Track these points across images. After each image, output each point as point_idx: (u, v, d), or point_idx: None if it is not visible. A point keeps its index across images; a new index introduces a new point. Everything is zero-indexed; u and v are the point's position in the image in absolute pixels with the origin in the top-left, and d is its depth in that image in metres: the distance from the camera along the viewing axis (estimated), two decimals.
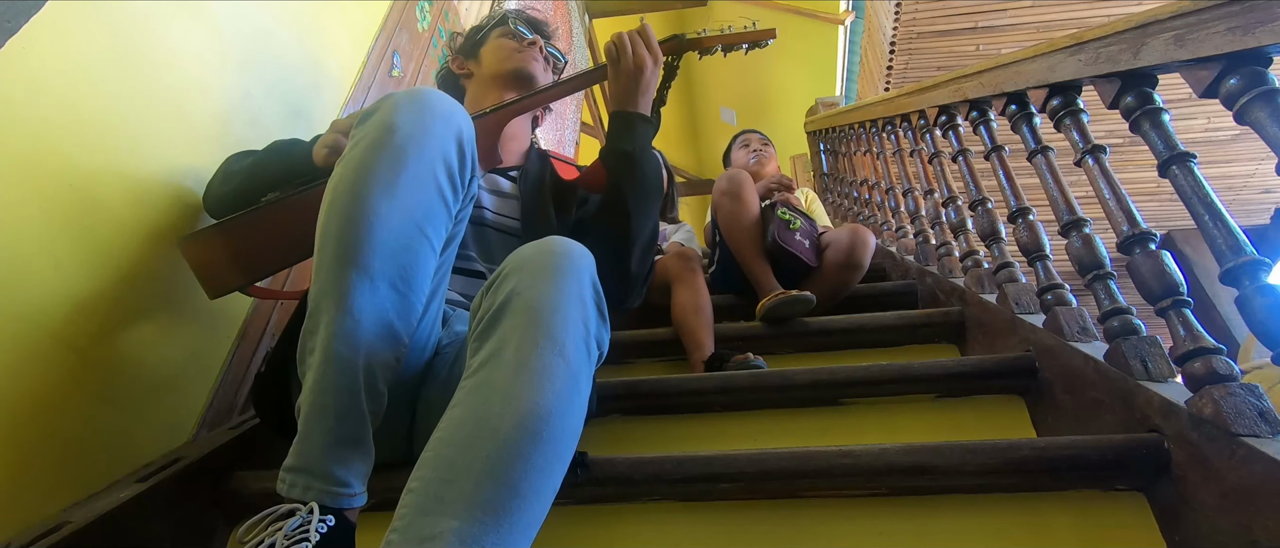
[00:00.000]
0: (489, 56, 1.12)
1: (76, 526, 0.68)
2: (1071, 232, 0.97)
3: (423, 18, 1.86)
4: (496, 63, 1.10)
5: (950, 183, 1.49)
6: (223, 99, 1.05)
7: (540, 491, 0.51)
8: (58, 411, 0.74)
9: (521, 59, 1.09)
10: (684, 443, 1.05)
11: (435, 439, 0.53)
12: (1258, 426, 0.63)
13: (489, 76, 1.10)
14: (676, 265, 1.56)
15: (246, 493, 0.86)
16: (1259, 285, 0.68)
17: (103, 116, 0.83)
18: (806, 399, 1.05)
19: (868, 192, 2.45)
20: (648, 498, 0.81)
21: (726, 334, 1.44)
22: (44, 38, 0.75)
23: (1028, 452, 0.75)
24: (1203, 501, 0.65)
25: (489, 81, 1.10)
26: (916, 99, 1.59)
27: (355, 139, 0.65)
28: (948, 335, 1.34)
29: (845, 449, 0.77)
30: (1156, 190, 3.89)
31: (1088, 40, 0.89)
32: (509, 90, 1.08)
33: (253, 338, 1.08)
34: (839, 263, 1.56)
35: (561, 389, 0.54)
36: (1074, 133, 0.96)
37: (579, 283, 0.60)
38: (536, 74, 1.09)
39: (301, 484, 0.58)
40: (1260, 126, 0.67)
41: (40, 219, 0.74)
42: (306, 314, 0.63)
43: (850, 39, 4.58)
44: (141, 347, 0.86)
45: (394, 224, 0.61)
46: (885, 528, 0.76)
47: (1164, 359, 0.80)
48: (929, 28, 3.25)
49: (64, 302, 0.76)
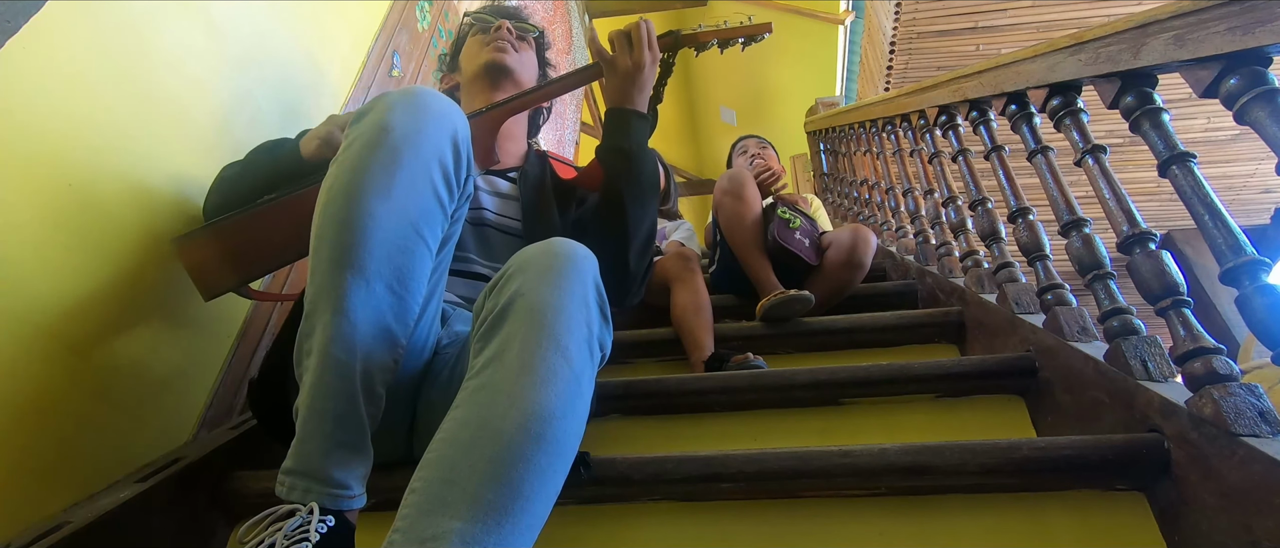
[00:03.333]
0: (465, 61, 1.13)
1: (76, 526, 0.68)
2: (1071, 232, 0.97)
3: (423, 18, 1.86)
4: (472, 62, 1.10)
5: (950, 183, 1.49)
6: (222, 99, 1.05)
7: (543, 492, 0.51)
8: (58, 411, 0.74)
9: (490, 51, 1.09)
10: (684, 443, 1.05)
11: (438, 440, 0.53)
12: (1258, 425, 0.63)
13: (469, 80, 1.11)
14: (676, 266, 1.56)
15: (246, 493, 0.85)
16: (1259, 285, 0.68)
17: (102, 116, 0.83)
18: (806, 399, 1.05)
19: (868, 192, 2.45)
20: (648, 498, 0.81)
21: (726, 334, 1.44)
22: (44, 38, 0.75)
23: (1028, 452, 0.75)
24: (1203, 501, 0.65)
25: (471, 85, 1.11)
26: (916, 99, 1.59)
27: (350, 139, 0.65)
28: (948, 335, 1.34)
29: (845, 449, 0.77)
30: (1156, 190, 3.89)
31: (1088, 40, 0.89)
32: (492, 87, 1.08)
33: (252, 338, 1.08)
34: (841, 262, 1.56)
35: (564, 391, 0.54)
36: (1074, 133, 0.96)
37: (582, 285, 0.60)
38: (508, 62, 1.08)
39: (300, 487, 0.58)
40: (1260, 126, 0.67)
41: (39, 219, 0.74)
42: (303, 316, 0.62)
43: (850, 39, 4.58)
44: (141, 347, 0.86)
45: (389, 225, 0.61)
46: (885, 528, 0.76)
47: (1164, 359, 0.80)
48: (929, 28, 3.25)
49: (63, 302, 0.76)
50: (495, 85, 1.08)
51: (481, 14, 1.15)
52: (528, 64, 1.13)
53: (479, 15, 1.15)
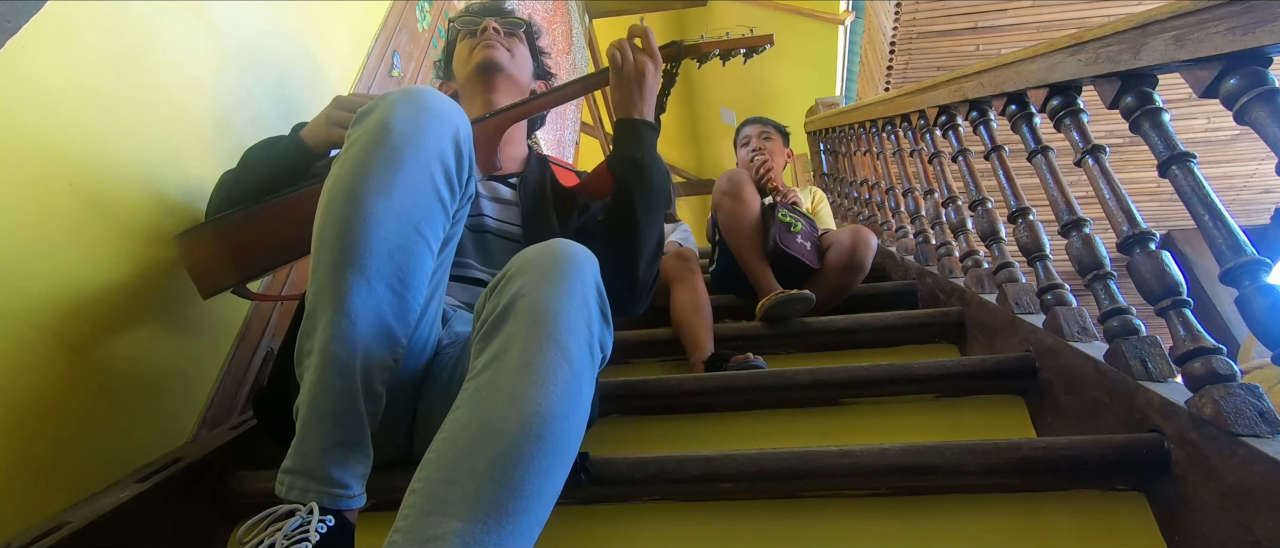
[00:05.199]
0: (458, 66, 1.12)
1: (76, 526, 0.68)
2: (1071, 232, 0.97)
3: (423, 18, 1.86)
4: (463, 67, 1.10)
5: (950, 183, 1.49)
6: (222, 99, 1.05)
7: (543, 492, 0.51)
8: (58, 411, 0.74)
9: (478, 53, 1.07)
10: (684, 443, 1.05)
11: (439, 440, 0.53)
12: (1258, 425, 0.63)
13: (464, 83, 1.10)
14: (675, 266, 1.56)
15: (246, 493, 0.85)
16: (1259, 285, 0.68)
17: (102, 116, 0.83)
18: (806, 399, 1.05)
19: (868, 192, 2.45)
20: (648, 498, 0.81)
21: (726, 334, 1.44)
22: (44, 38, 0.75)
23: (1028, 452, 0.75)
24: (1203, 501, 0.65)
25: (466, 87, 1.10)
26: (916, 99, 1.59)
27: (351, 139, 0.65)
28: (948, 335, 1.35)
29: (845, 449, 0.77)
30: (1156, 190, 3.89)
31: (1088, 40, 0.89)
32: (487, 88, 1.07)
33: (253, 338, 1.08)
34: (841, 263, 1.56)
35: (565, 391, 0.54)
36: (1074, 133, 0.96)
37: (583, 285, 0.60)
38: (499, 58, 1.07)
39: (300, 486, 0.58)
40: (1260, 126, 0.67)
41: (39, 219, 0.74)
42: (304, 316, 0.62)
43: (850, 39, 4.58)
44: (142, 347, 0.86)
45: (391, 225, 0.61)
46: (885, 528, 0.76)
47: (1164, 359, 0.80)
48: (929, 28, 3.25)
49: (64, 302, 0.76)
50: (490, 85, 1.07)
51: (466, 16, 1.14)
52: (521, 58, 1.12)
53: (464, 19, 1.14)
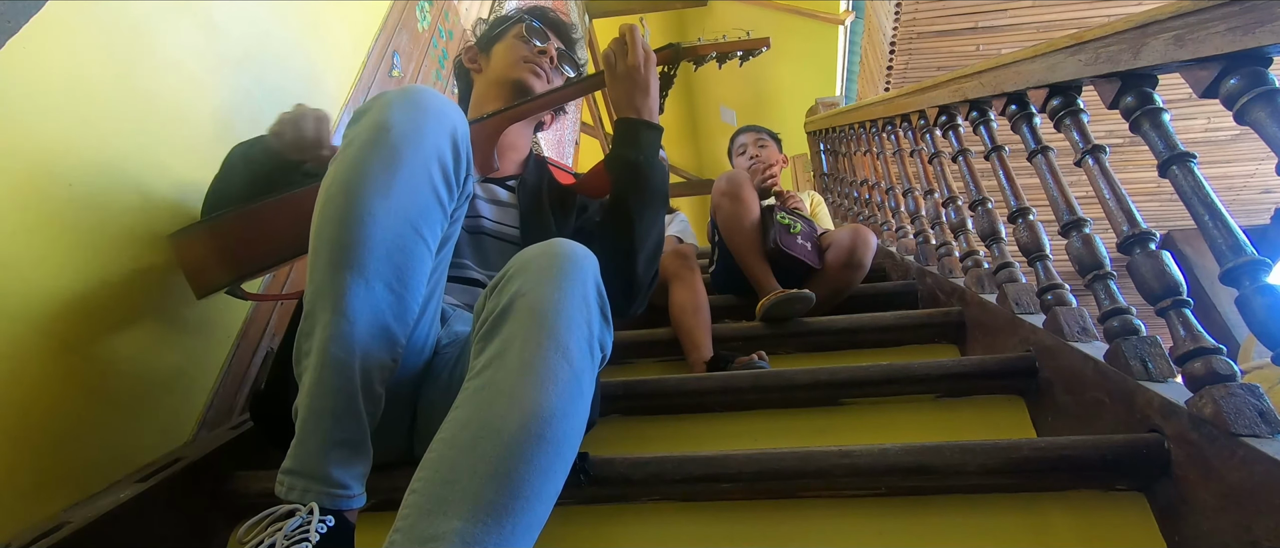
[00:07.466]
0: (498, 57, 1.09)
1: (76, 526, 0.68)
2: (1071, 232, 0.97)
3: (423, 18, 1.86)
4: (502, 68, 1.07)
5: (950, 183, 1.49)
6: (222, 99, 1.05)
7: (543, 492, 0.51)
8: (58, 411, 0.74)
9: (524, 71, 1.05)
10: (684, 443, 1.05)
11: (439, 440, 0.53)
12: (1258, 426, 0.63)
13: (493, 79, 1.08)
14: (674, 264, 1.56)
15: (246, 493, 0.85)
16: (1259, 285, 0.68)
17: (102, 116, 0.83)
18: (806, 399, 1.05)
19: (868, 192, 2.45)
20: (648, 498, 0.81)
21: (726, 334, 1.44)
22: (44, 38, 0.75)
23: (1028, 452, 0.75)
24: (1203, 501, 0.65)
25: (492, 84, 1.07)
26: (916, 99, 1.59)
27: (349, 138, 0.65)
28: (948, 335, 1.34)
29: (845, 450, 0.77)
30: (1156, 190, 3.89)
31: (1088, 40, 0.89)
32: (506, 101, 1.04)
33: (252, 339, 1.08)
34: (841, 263, 1.56)
35: (565, 391, 0.54)
36: (1074, 133, 0.96)
37: (583, 285, 0.60)
38: (538, 90, 1.04)
39: (300, 487, 0.58)
40: (1260, 126, 0.67)
41: (39, 219, 0.74)
42: (302, 316, 0.62)
43: (850, 39, 4.58)
44: (142, 348, 0.86)
45: (389, 224, 0.61)
46: (885, 528, 0.76)
47: (1164, 359, 0.80)
48: (929, 28, 3.25)
49: (63, 302, 0.76)
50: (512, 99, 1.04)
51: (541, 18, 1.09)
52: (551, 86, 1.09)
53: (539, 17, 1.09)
